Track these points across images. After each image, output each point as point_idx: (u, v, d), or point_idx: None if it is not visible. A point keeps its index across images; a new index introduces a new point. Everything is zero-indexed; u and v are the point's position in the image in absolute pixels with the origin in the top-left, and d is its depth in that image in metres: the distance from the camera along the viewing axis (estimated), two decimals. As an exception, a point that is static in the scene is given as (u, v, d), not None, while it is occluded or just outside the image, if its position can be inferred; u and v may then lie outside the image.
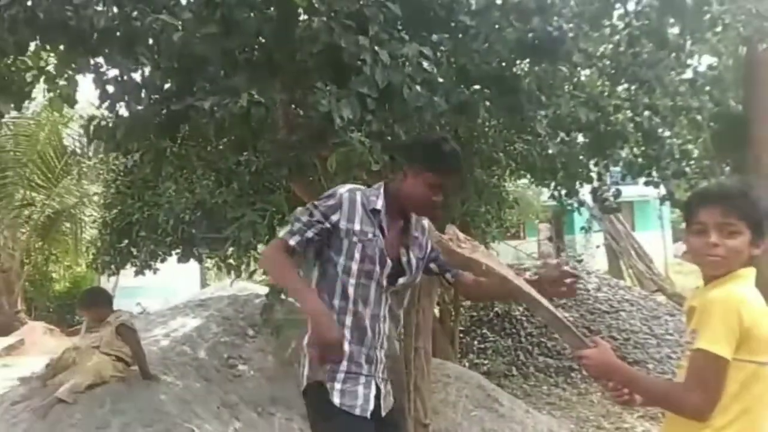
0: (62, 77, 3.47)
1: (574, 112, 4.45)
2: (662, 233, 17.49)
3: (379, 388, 2.17)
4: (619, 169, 5.70)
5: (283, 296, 4.21)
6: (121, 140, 3.40)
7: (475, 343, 7.96)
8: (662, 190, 5.59)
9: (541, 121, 4.26)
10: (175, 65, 3.26)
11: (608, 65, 4.84)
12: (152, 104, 3.43)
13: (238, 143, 4.02)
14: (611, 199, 5.57)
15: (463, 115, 3.70)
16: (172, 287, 12.99)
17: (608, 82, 5.05)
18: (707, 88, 5.47)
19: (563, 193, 6.18)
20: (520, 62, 4.15)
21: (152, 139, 3.75)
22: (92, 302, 4.33)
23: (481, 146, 5.03)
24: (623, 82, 4.93)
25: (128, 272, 8.14)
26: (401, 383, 3.82)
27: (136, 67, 3.37)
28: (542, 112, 4.22)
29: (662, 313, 8.52)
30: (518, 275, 2.04)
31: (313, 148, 3.55)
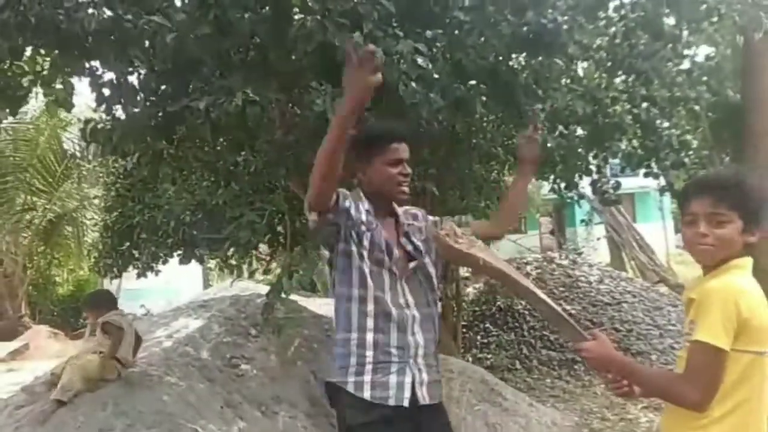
0: (57, 82, 3.47)
1: (571, 105, 4.44)
2: (663, 224, 17.49)
3: (414, 374, 2.10)
4: (618, 161, 5.71)
5: (284, 295, 4.20)
6: (117, 143, 3.41)
7: (477, 337, 7.96)
8: (662, 181, 5.59)
9: (538, 114, 4.26)
10: (169, 67, 3.26)
11: (605, 57, 4.84)
12: (148, 106, 3.43)
13: (235, 143, 4.03)
14: (611, 191, 5.56)
15: (459, 110, 3.70)
16: (175, 289, 13.04)
17: (605, 74, 5.04)
18: (705, 78, 5.47)
19: (563, 186, 6.18)
20: (515, 56, 4.15)
21: (149, 141, 3.75)
22: (95, 304, 4.33)
23: (479, 141, 5.04)
24: (620, 74, 4.93)
25: (131, 275, 8.19)
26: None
27: (130, 69, 3.37)
28: (539, 105, 4.21)
29: (664, 303, 8.51)
30: (519, 270, 2.04)
31: (310, 147, 3.55)
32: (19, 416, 3.76)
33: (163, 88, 3.49)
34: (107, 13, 3.07)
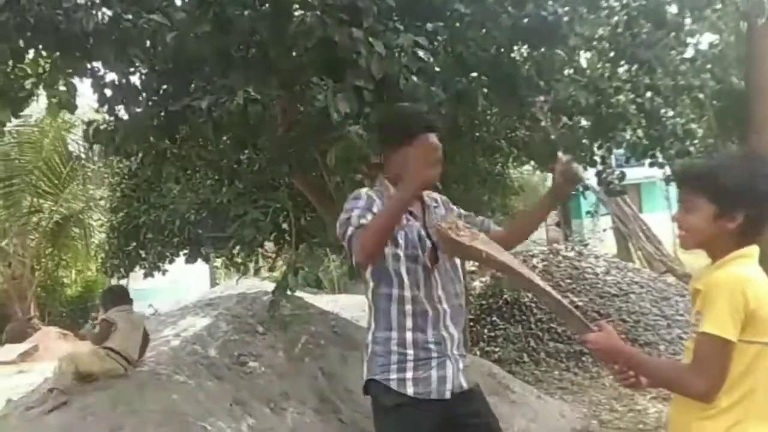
0: (58, 83, 3.48)
1: (574, 95, 4.42)
2: (670, 214, 17.39)
3: (452, 366, 2.18)
4: (623, 151, 5.68)
5: (289, 292, 4.21)
6: (120, 143, 3.41)
7: (485, 331, 7.95)
8: (667, 170, 5.56)
9: (541, 106, 4.24)
10: (170, 66, 3.26)
11: (607, 47, 4.81)
12: (150, 106, 3.43)
13: (237, 142, 4.03)
14: (616, 182, 5.54)
15: (461, 103, 3.69)
16: (183, 288, 13.08)
17: (608, 64, 5.01)
18: (708, 66, 5.43)
19: (567, 177, 6.14)
20: (517, 48, 4.12)
21: (152, 140, 3.76)
22: (102, 301, 4.36)
23: (482, 134, 5.02)
24: (623, 63, 4.90)
25: (138, 275, 8.22)
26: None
27: (132, 69, 3.37)
28: (541, 97, 4.19)
29: (672, 294, 8.47)
30: (525, 263, 2.03)
31: (312, 143, 3.55)
32: (30, 416, 3.78)
33: (164, 87, 3.49)
34: (107, 13, 3.07)
